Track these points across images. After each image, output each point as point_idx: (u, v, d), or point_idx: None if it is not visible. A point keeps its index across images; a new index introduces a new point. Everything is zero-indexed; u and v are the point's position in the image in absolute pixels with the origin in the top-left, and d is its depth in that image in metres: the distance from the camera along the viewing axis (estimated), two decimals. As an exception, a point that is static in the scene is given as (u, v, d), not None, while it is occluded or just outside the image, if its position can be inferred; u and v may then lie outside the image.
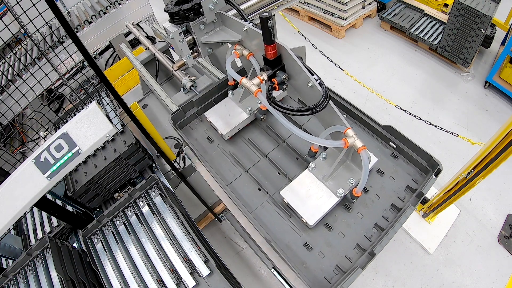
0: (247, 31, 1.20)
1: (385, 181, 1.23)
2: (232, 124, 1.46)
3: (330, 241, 1.16)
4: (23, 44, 3.95)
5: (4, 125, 3.36)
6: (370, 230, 1.14)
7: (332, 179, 1.18)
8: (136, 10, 3.83)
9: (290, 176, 1.31)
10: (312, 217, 1.14)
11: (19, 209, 1.63)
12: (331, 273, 1.09)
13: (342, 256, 1.12)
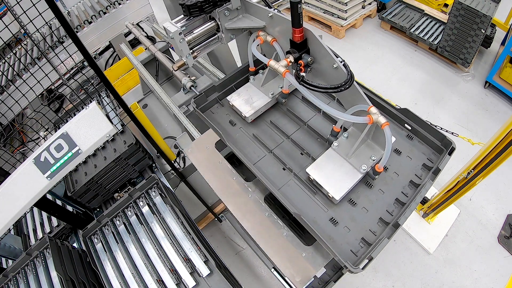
0: (272, 17, 1.26)
1: (402, 160, 1.32)
2: (255, 107, 1.51)
3: (354, 216, 1.22)
4: (23, 44, 3.95)
5: (4, 125, 3.36)
6: (392, 205, 1.22)
7: (354, 156, 1.26)
8: (136, 10, 3.83)
9: (313, 156, 1.38)
10: (338, 192, 1.21)
11: (19, 209, 1.63)
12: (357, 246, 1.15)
13: (367, 230, 1.18)
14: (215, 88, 1.65)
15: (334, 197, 1.22)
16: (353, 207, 1.25)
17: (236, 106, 1.55)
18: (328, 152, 1.31)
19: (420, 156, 1.32)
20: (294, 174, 1.36)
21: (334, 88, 1.10)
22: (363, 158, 1.25)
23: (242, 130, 1.56)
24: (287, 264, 1.37)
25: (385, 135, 1.11)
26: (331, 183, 1.23)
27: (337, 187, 1.22)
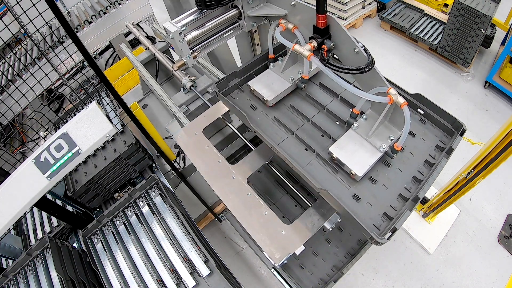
0: (294, 5, 1.32)
1: (416, 142, 1.41)
2: (276, 91, 1.59)
3: (375, 193, 1.29)
4: (23, 44, 3.95)
5: (4, 125, 3.36)
6: (409, 183, 1.30)
7: (374, 136, 1.34)
8: (136, 10, 3.83)
9: (333, 137, 1.45)
10: (360, 169, 1.28)
11: (19, 209, 1.63)
12: (379, 220, 1.23)
13: (387, 206, 1.26)
14: (235, 74, 1.72)
15: (357, 174, 1.28)
16: (374, 185, 1.32)
17: (258, 90, 1.62)
18: (349, 132, 1.38)
19: (433, 138, 1.41)
20: (317, 154, 1.42)
21: (358, 69, 1.19)
22: (381, 138, 1.33)
23: (263, 113, 1.63)
24: (267, 242, 1.41)
25: (404, 114, 1.18)
26: (353, 161, 1.30)
27: (359, 165, 1.29)
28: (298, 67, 1.64)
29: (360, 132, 1.36)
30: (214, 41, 1.52)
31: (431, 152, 1.37)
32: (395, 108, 1.29)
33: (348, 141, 1.36)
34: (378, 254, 3.05)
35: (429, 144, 1.39)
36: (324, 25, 1.24)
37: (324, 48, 1.26)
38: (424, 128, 1.45)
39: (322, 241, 2.10)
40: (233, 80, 1.73)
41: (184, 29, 1.35)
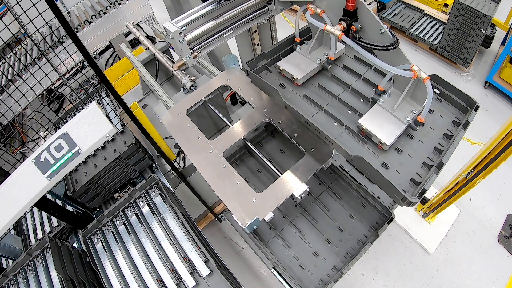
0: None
1: (435, 118, 1.53)
2: (305, 70, 1.71)
3: (402, 161, 1.42)
4: (23, 44, 3.95)
5: (4, 125, 3.36)
6: (431, 153, 1.43)
7: (398, 110, 1.47)
8: (136, 10, 3.83)
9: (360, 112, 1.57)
10: (388, 139, 1.40)
11: (19, 209, 1.63)
12: (407, 186, 1.35)
13: (414, 173, 1.38)
14: (264, 55, 1.83)
15: (385, 143, 1.40)
16: (400, 154, 1.45)
17: (287, 70, 1.74)
18: (375, 107, 1.51)
19: (450, 115, 1.54)
20: (346, 127, 1.54)
21: (387, 46, 1.31)
22: (405, 112, 1.46)
23: (292, 91, 1.74)
24: (238, 208, 1.49)
25: (427, 87, 1.30)
26: (381, 131, 1.43)
27: (387, 135, 1.42)
28: (323, 50, 1.77)
29: (386, 107, 1.49)
30: (215, 40, 1.52)
31: (449, 127, 1.51)
32: (416, 85, 1.42)
33: (375, 115, 1.48)
34: (378, 254, 3.05)
35: (447, 120, 1.53)
36: (353, 8, 1.35)
37: (353, 29, 1.38)
38: (441, 106, 1.58)
39: (322, 241, 2.10)
40: (262, 62, 1.84)
41: (184, 29, 1.35)
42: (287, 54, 1.82)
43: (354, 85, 1.68)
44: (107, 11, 3.69)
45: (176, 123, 1.86)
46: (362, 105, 1.61)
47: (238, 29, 1.62)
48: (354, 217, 2.16)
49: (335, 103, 1.66)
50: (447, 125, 1.52)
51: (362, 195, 2.21)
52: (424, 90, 1.32)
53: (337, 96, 1.67)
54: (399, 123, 1.44)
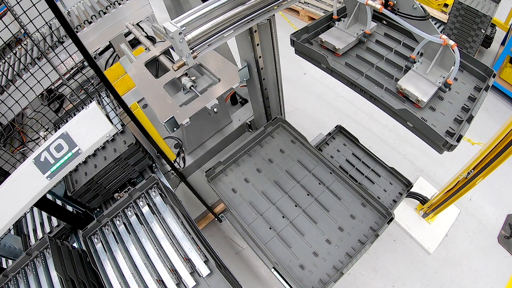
0: None
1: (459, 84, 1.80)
2: (345, 41, 1.93)
3: (436, 117, 1.66)
4: (23, 44, 3.95)
5: (4, 125, 3.36)
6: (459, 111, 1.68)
7: (430, 75, 1.68)
8: (136, 10, 3.82)
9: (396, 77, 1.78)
10: (425, 96, 1.62)
11: (19, 209, 1.63)
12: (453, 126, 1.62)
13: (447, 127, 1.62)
14: (306, 30, 2.07)
15: (423, 100, 1.62)
16: (434, 112, 1.68)
17: (329, 41, 1.95)
18: (410, 72, 1.73)
19: (471, 83, 1.79)
20: (386, 89, 1.77)
21: (421, 17, 1.52)
22: (436, 76, 1.68)
23: (334, 61, 1.95)
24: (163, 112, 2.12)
25: (455, 53, 1.50)
26: (418, 91, 1.64)
27: (423, 94, 1.63)
28: (359, 26, 1.98)
29: (419, 72, 1.70)
30: (216, 39, 1.51)
31: (472, 92, 1.75)
32: (445, 52, 1.61)
33: (411, 78, 1.70)
34: (378, 254, 3.05)
35: (469, 86, 1.77)
36: None
37: (391, 4, 1.57)
38: (463, 75, 1.82)
39: (322, 241, 2.10)
40: (304, 35, 2.08)
41: (184, 29, 1.35)
42: (326, 30, 2.05)
43: (388, 56, 1.92)
44: (107, 11, 3.69)
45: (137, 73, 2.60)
46: (396, 73, 1.83)
47: (239, 29, 1.60)
48: (354, 217, 2.16)
49: (373, 70, 1.88)
50: (470, 90, 1.76)
51: (362, 195, 2.21)
52: (451, 57, 1.55)
53: (374, 65, 1.87)
54: (432, 85, 1.66)
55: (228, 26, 1.54)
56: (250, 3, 1.56)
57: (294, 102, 4.36)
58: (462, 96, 1.74)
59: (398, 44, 1.97)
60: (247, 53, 2.21)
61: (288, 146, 2.54)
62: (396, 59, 1.89)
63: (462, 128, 1.57)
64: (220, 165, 2.45)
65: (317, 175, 2.35)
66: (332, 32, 2.00)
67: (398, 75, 1.79)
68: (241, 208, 2.28)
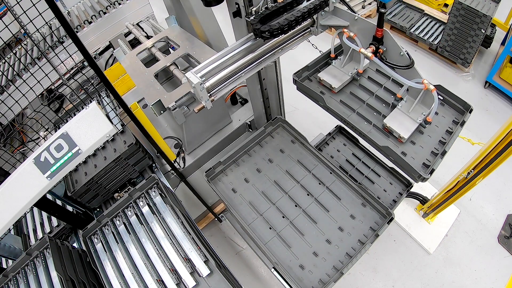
0: (357, 20, 1.81)
1: (439, 118, 2.01)
2: (340, 81, 2.14)
3: (416, 151, 1.88)
4: (23, 44, 3.95)
5: (4, 125, 3.36)
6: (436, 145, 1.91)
7: (412, 113, 1.89)
8: (136, 10, 3.83)
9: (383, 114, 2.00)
10: (406, 133, 1.85)
11: (19, 209, 1.63)
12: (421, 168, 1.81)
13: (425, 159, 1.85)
14: (307, 68, 2.27)
15: (404, 136, 1.84)
16: (413, 145, 1.90)
17: (326, 80, 2.15)
18: (395, 110, 1.94)
19: (451, 116, 2.02)
20: (374, 125, 1.99)
21: (405, 66, 1.71)
22: (417, 114, 1.88)
23: (330, 98, 2.18)
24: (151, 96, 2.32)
25: (434, 96, 1.71)
26: (401, 128, 1.86)
27: (405, 131, 1.85)
28: (353, 64, 2.18)
29: (403, 110, 1.92)
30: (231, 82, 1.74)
31: (450, 125, 1.98)
32: (426, 93, 1.79)
33: (395, 116, 1.91)
34: (378, 254, 3.05)
35: (448, 120, 2.00)
36: (380, 35, 1.73)
37: (381, 51, 1.76)
38: (444, 109, 2.06)
39: (322, 241, 2.10)
40: (304, 73, 2.29)
41: (204, 79, 1.59)
42: (324, 67, 2.26)
43: (378, 92, 2.12)
44: (107, 11, 3.69)
45: (130, 63, 2.78)
46: (384, 109, 2.05)
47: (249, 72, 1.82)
48: (354, 217, 2.16)
49: (364, 106, 2.09)
50: (448, 123, 1.98)
51: (362, 195, 2.21)
52: (432, 97, 1.72)
53: (365, 102, 2.08)
54: (413, 122, 1.87)
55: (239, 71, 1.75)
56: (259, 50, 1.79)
57: (294, 102, 4.36)
58: (441, 129, 1.97)
59: (387, 80, 2.15)
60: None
61: (288, 146, 2.53)
62: (385, 96, 2.10)
63: (435, 163, 1.79)
64: (220, 165, 2.45)
65: (317, 175, 2.35)
66: (329, 71, 2.21)
67: (386, 111, 2.02)
68: (241, 208, 2.28)
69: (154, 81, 2.56)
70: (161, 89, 2.47)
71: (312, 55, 2.31)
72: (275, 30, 1.63)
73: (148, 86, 2.52)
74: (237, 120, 3.03)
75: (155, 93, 2.43)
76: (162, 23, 3.38)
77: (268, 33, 1.62)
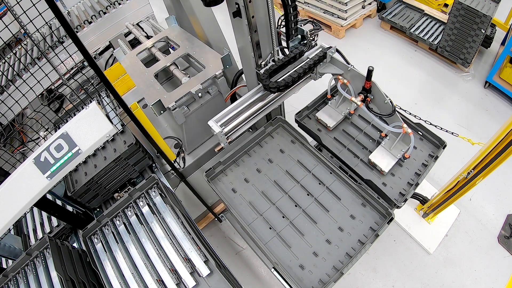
0: (350, 70, 2.13)
1: (417, 152, 2.36)
2: (335, 120, 2.49)
3: (395, 181, 2.24)
4: (23, 44, 3.95)
5: (4, 125, 3.36)
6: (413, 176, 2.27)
7: (393, 149, 2.26)
8: (136, 10, 3.83)
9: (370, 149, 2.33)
10: (386, 167, 2.21)
11: (19, 209, 1.63)
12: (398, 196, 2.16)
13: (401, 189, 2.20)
14: (307, 108, 2.65)
15: (385, 170, 2.22)
16: (393, 177, 2.26)
17: (323, 119, 2.53)
18: (379, 147, 2.30)
19: (427, 150, 2.36)
20: (361, 160, 2.35)
21: (387, 115, 2.09)
22: (397, 151, 2.25)
23: (326, 134, 2.55)
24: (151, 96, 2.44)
25: (411, 138, 2.09)
26: (383, 163, 2.23)
27: (386, 165, 2.23)
28: (346, 105, 2.53)
29: (385, 147, 2.29)
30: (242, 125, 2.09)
31: (426, 158, 2.32)
32: (405, 135, 2.14)
33: (379, 152, 2.28)
34: (378, 254, 3.05)
35: (425, 153, 2.34)
36: (369, 86, 2.06)
37: (368, 100, 2.10)
38: (422, 143, 2.39)
39: (322, 241, 2.10)
40: (305, 112, 2.66)
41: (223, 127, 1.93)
42: (322, 105, 2.65)
43: (366, 129, 2.48)
44: (107, 11, 3.69)
45: (130, 63, 2.86)
46: (371, 144, 2.42)
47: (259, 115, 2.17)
48: (354, 217, 2.16)
49: (354, 142, 2.41)
50: (425, 157, 2.32)
51: (362, 195, 2.21)
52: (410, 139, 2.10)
53: (355, 138, 2.42)
54: (394, 158, 2.24)
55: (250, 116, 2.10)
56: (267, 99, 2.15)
57: (294, 102, 4.36)
58: (418, 162, 2.30)
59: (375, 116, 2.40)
60: (247, 53, 2.21)
61: (288, 146, 2.53)
62: (372, 132, 2.46)
63: (409, 193, 2.14)
64: (220, 165, 2.45)
65: (317, 175, 2.35)
66: (326, 110, 2.57)
67: (372, 147, 2.38)
68: (241, 208, 2.28)
69: (154, 81, 2.60)
70: (161, 89, 2.50)
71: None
72: (282, 86, 1.96)
73: (148, 86, 2.56)
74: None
75: (155, 93, 2.47)
76: (162, 23, 3.39)
77: (275, 89, 1.95)
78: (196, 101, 2.61)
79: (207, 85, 2.58)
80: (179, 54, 2.76)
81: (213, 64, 2.58)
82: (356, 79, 2.11)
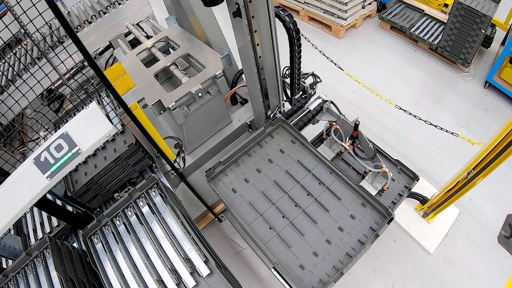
0: (342, 120, 2.69)
1: (395, 184, 2.73)
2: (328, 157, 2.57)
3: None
4: (23, 44, 3.95)
5: (4, 125, 3.36)
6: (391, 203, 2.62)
7: (375, 182, 2.67)
8: (136, 10, 3.83)
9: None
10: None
11: (19, 209, 1.63)
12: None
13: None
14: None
15: None
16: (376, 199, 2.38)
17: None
18: (364, 180, 2.70)
19: (404, 182, 2.73)
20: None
21: (370, 158, 2.63)
22: (377, 184, 2.66)
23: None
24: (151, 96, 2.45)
25: (388, 175, 2.52)
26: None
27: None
28: (338, 144, 2.80)
29: (368, 180, 2.69)
30: None
31: (402, 189, 2.68)
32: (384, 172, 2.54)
33: (363, 184, 2.63)
34: (378, 254, 3.05)
35: (401, 185, 2.71)
36: (356, 135, 2.61)
37: (355, 145, 2.69)
38: (400, 176, 2.76)
39: (322, 241, 2.10)
40: None
41: None
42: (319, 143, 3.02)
43: (354, 165, 2.81)
44: (107, 11, 3.69)
45: (130, 63, 2.87)
46: (357, 177, 2.78)
47: None
48: (354, 217, 2.16)
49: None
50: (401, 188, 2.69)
51: (362, 195, 2.21)
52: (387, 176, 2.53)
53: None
54: (374, 190, 2.64)
55: None
56: None
57: (294, 102, 4.36)
58: (395, 192, 2.65)
59: (362, 152, 2.77)
60: (247, 52, 2.21)
61: (288, 146, 2.53)
62: (359, 167, 2.78)
63: (396, 208, 2.55)
64: (220, 165, 2.45)
65: (317, 175, 2.35)
66: (321, 148, 2.90)
67: (358, 179, 2.75)
68: (241, 208, 2.28)
69: (154, 81, 2.60)
70: (161, 89, 2.50)
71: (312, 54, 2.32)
72: None
73: (148, 86, 2.56)
74: (237, 120, 3.03)
75: (155, 93, 2.48)
76: (162, 23, 3.39)
77: None
78: (196, 101, 2.61)
79: (207, 85, 2.58)
80: (179, 54, 2.75)
81: (213, 64, 2.58)
82: (346, 125, 2.65)
